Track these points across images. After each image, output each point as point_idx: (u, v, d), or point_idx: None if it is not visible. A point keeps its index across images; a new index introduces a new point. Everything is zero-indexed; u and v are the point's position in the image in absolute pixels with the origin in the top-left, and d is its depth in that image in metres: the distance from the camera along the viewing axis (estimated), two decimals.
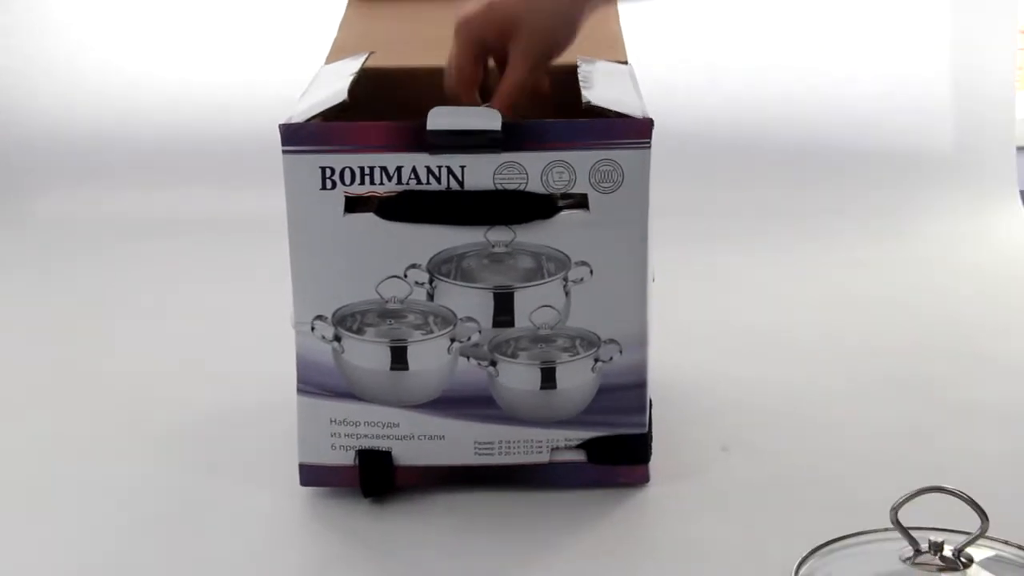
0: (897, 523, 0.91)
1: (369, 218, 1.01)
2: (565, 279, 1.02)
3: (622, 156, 1.00)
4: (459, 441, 1.06)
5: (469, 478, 1.06)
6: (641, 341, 1.04)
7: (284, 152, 1.00)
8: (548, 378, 1.05)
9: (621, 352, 1.04)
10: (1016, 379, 1.28)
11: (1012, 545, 0.93)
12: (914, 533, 0.91)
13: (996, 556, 0.92)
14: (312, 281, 1.03)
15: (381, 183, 1.00)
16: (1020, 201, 1.89)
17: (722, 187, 1.87)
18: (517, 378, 1.05)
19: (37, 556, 1.01)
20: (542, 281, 1.03)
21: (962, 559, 0.90)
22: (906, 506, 0.91)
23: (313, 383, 1.05)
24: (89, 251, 1.75)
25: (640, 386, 1.06)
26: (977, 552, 0.91)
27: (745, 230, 1.77)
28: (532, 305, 1.03)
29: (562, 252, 1.02)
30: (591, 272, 1.02)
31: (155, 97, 1.96)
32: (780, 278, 1.61)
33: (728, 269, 1.65)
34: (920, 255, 1.70)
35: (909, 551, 0.91)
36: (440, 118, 1.00)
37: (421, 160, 1.00)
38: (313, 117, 1.01)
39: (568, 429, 1.06)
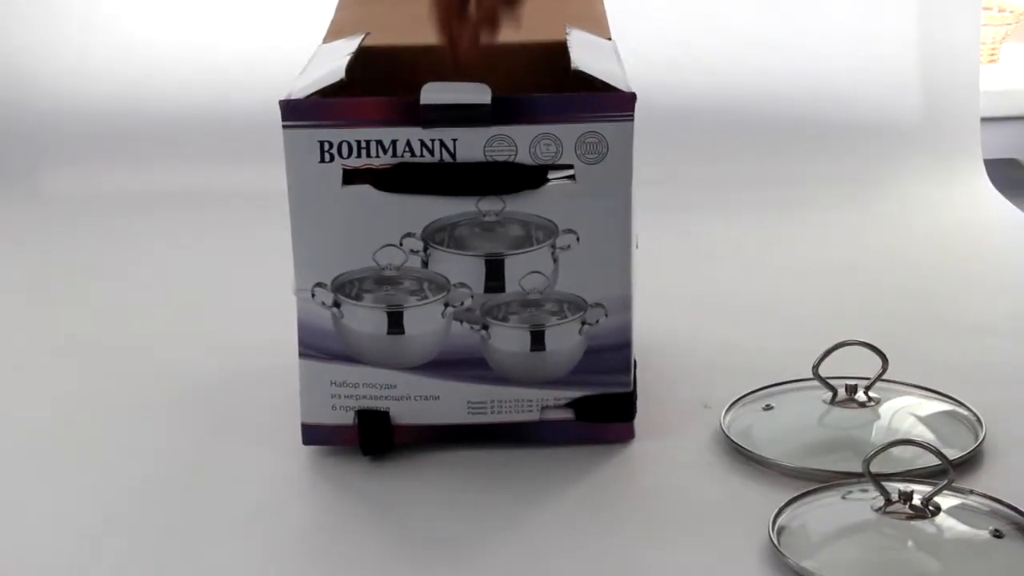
0: (869, 474, 0.94)
1: (366, 190, 1.03)
2: (553, 246, 1.04)
3: (607, 129, 1.02)
4: (453, 401, 1.08)
5: (463, 436, 1.08)
6: (626, 305, 1.07)
7: (284, 127, 1.02)
8: (537, 340, 1.07)
9: (607, 315, 1.06)
10: (977, 340, 1.30)
11: (976, 494, 0.97)
12: (884, 483, 0.94)
13: (961, 504, 0.96)
14: (312, 250, 1.05)
15: (377, 156, 1.02)
16: (984, 170, 1.90)
17: (699, 158, 1.88)
18: (508, 341, 1.07)
19: (48, 514, 1.03)
20: (531, 248, 1.05)
21: (930, 507, 0.93)
22: (878, 457, 0.95)
23: (314, 347, 1.07)
24: (96, 224, 1.75)
25: (625, 347, 1.08)
26: (944, 501, 0.94)
27: (721, 199, 1.78)
28: (522, 271, 1.05)
29: (550, 220, 1.04)
30: (578, 239, 1.04)
31: (160, 76, 1.96)
32: (755, 244, 1.62)
33: (706, 236, 1.66)
34: (888, 222, 1.72)
35: (880, 500, 0.94)
36: (433, 93, 1.01)
37: (415, 134, 1.01)
38: (312, 94, 1.02)
39: (557, 389, 1.08)
